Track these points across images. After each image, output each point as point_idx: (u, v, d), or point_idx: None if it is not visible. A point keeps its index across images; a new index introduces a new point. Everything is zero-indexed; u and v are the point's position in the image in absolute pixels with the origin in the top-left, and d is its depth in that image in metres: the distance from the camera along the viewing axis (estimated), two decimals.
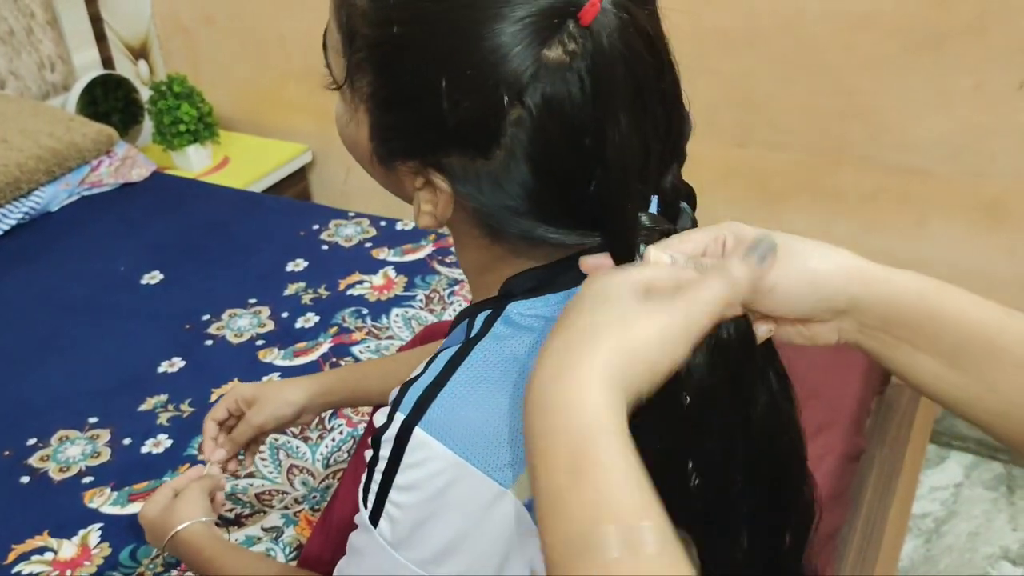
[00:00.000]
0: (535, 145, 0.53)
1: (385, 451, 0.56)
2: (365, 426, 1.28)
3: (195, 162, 2.38)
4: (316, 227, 1.91)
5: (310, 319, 1.61)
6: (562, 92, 0.52)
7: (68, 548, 1.18)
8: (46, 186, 1.97)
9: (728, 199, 2.02)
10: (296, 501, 1.22)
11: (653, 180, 0.59)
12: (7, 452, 1.34)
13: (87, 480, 1.28)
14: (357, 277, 1.73)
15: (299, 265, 1.78)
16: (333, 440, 1.32)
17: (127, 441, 1.35)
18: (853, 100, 1.81)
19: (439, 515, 0.55)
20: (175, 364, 1.52)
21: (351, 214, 1.95)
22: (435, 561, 0.56)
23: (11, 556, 1.17)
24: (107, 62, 2.47)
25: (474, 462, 0.54)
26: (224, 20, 2.52)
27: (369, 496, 0.57)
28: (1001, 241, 1.80)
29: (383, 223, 1.90)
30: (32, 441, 1.36)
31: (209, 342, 1.57)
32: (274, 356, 1.52)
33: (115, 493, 1.26)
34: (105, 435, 1.37)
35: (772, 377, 0.61)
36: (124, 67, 2.54)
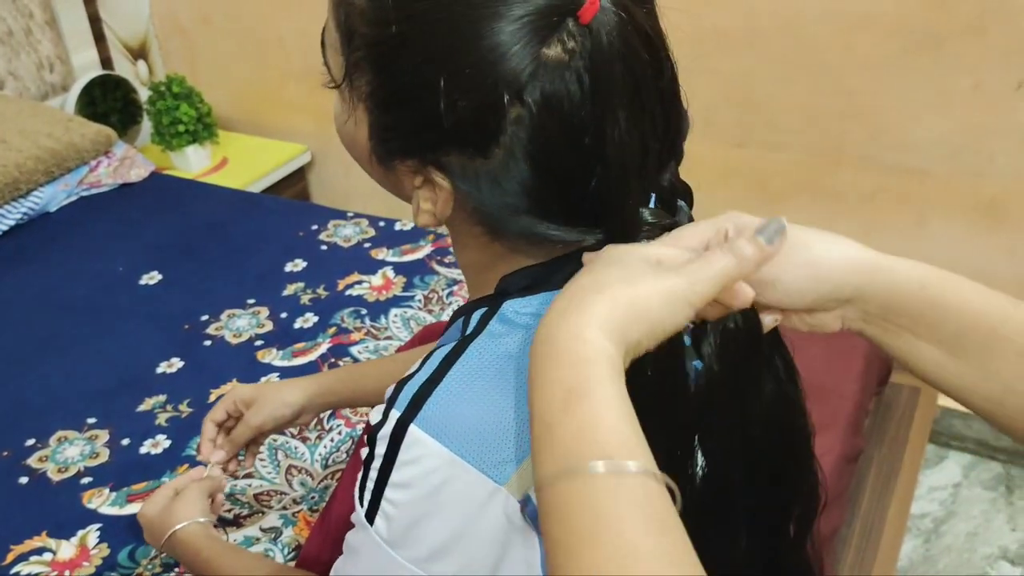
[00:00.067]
0: (535, 143, 0.53)
1: (380, 448, 0.56)
2: (363, 427, 1.27)
3: (194, 162, 2.38)
4: (315, 227, 1.91)
5: (309, 319, 1.61)
6: (561, 90, 0.52)
7: (67, 549, 1.18)
8: (45, 186, 1.97)
9: (727, 199, 2.02)
10: (295, 501, 1.22)
11: (651, 178, 0.59)
12: (6, 452, 1.34)
13: (86, 480, 1.28)
14: (356, 277, 1.72)
15: (298, 265, 1.78)
16: (332, 440, 1.32)
17: (126, 441, 1.35)
18: (852, 100, 1.81)
19: (435, 512, 0.55)
20: (174, 364, 1.52)
21: (350, 214, 1.95)
22: (431, 559, 0.55)
23: (10, 557, 1.17)
24: (106, 62, 2.47)
25: (469, 459, 0.54)
26: (223, 20, 2.52)
27: (365, 494, 0.57)
28: (1000, 241, 1.81)
29: (382, 223, 1.90)
30: (31, 441, 1.36)
31: (208, 342, 1.57)
32: (273, 356, 1.52)
33: (114, 494, 1.26)
34: (104, 435, 1.37)
35: (779, 364, 0.62)
36: (123, 67, 2.54)
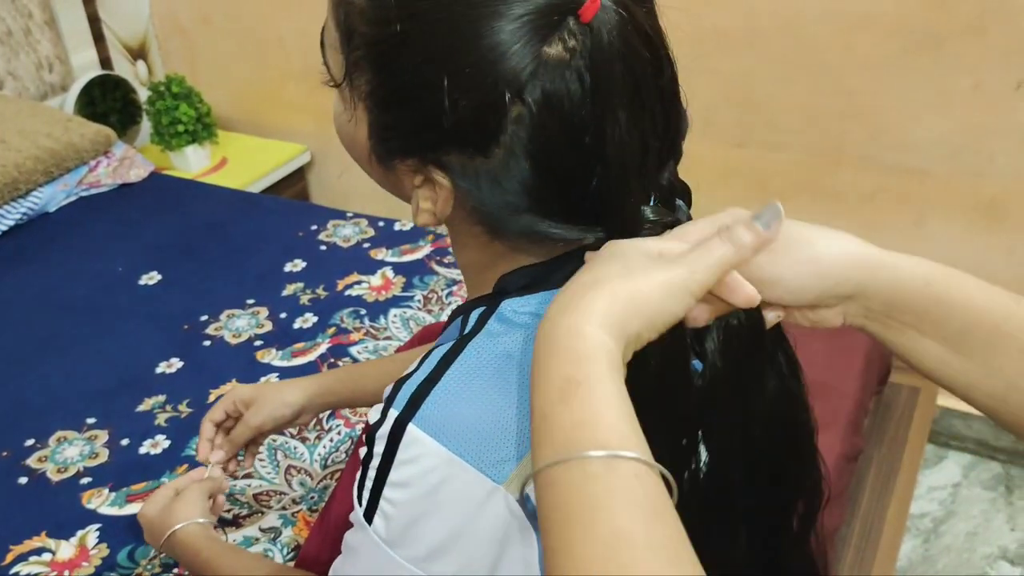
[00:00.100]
0: (535, 142, 0.53)
1: (379, 448, 0.56)
2: (363, 427, 1.27)
3: (193, 162, 2.38)
4: (314, 227, 1.91)
5: (308, 319, 1.61)
6: (562, 89, 0.52)
7: (66, 549, 1.17)
8: (44, 187, 1.97)
9: (727, 199, 1.99)
10: (294, 502, 1.22)
11: (651, 177, 0.59)
12: (5, 453, 1.34)
13: (85, 481, 1.28)
14: (355, 277, 1.72)
15: (297, 265, 1.78)
16: (331, 441, 1.32)
17: (125, 442, 1.35)
18: (852, 100, 1.81)
19: (433, 512, 0.54)
20: (173, 365, 1.52)
21: (349, 214, 1.95)
22: (430, 558, 0.55)
23: (9, 557, 1.17)
24: (105, 62, 2.47)
25: (467, 458, 0.54)
26: (222, 20, 2.52)
27: (363, 493, 0.57)
28: (999, 241, 1.81)
29: (381, 223, 1.90)
30: (30, 442, 1.36)
31: (207, 343, 1.57)
32: (272, 356, 1.52)
33: (113, 494, 1.26)
34: (103, 436, 1.37)
35: (781, 360, 0.62)
36: (122, 67, 2.54)
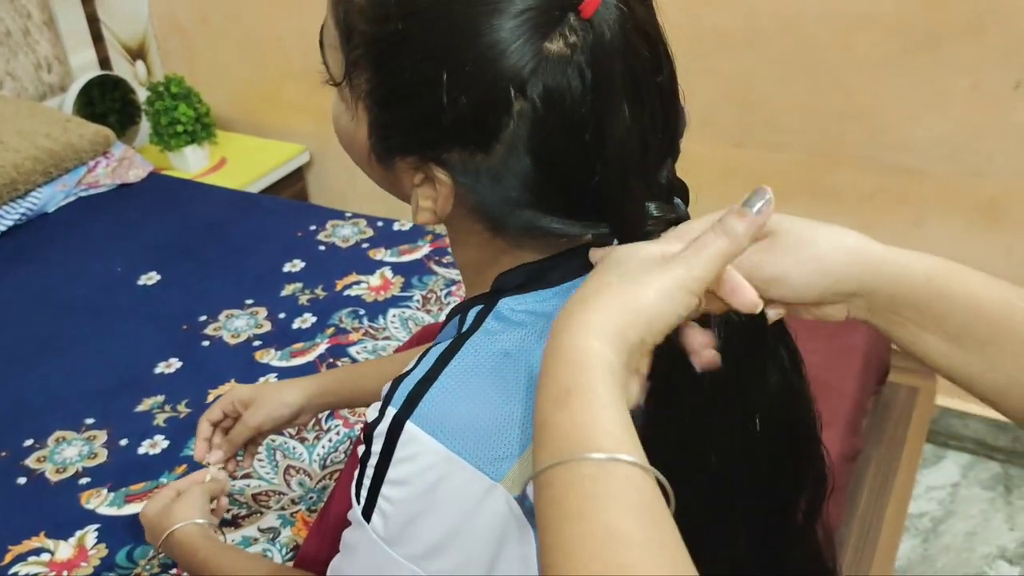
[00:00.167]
0: (536, 138, 0.54)
1: (377, 446, 0.56)
2: (361, 427, 1.27)
3: (192, 163, 2.38)
4: (313, 228, 1.91)
5: (307, 320, 1.61)
6: (563, 85, 0.53)
7: (65, 549, 1.17)
8: (43, 187, 1.97)
9: (726, 199, 1.99)
10: (293, 502, 1.22)
11: (649, 174, 0.59)
12: (4, 453, 1.34)
13: (84, 481, 1.28)
14: (354, 278, 1.72)
15: (296, 266, 1.78)
16: (330, 441, 1.32)
17: (124, 442, 1.35)
18: (851, 100, 1.81)
19: (431, 510, 0.55)
20: (172, 365, 1.52)
21: (348, 215, 1.95)
22: (428, 556, 0.55)
23: (8, 557, 1.17)
24: (104, 63, 2.47)
25: (465, 456, 0.54)
26: (221, 20, 2.52)
27: (361, 492, 0.57)
28: (998, 240, 1.81)
29: (380, 223, 1.90)
30: (29, 442, 1.36)
31: (206, 343, 1.57)
32: (271, 357, 1.52)
33: (112, 494, 1.26)
34: (102, 436, 1.37)
35: (784, 355, 0.62)
36: (121, 68, 2.54)
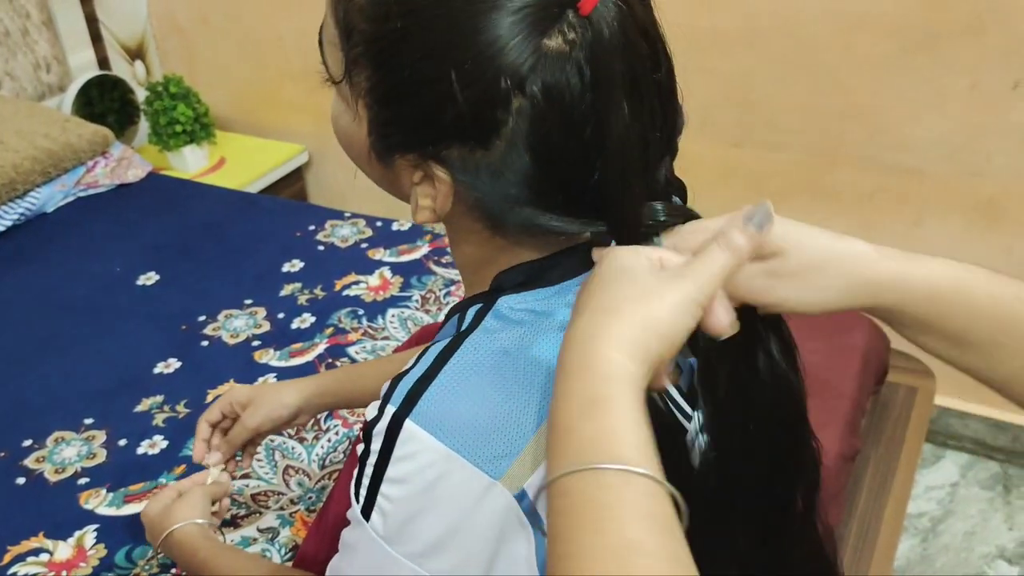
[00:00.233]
0: (536, 134, 0.54)
1: (376, 444, 0.56)
2: (360, 427, 1.27)
3: (191, 163, 2.38)
4: (312, 228, 1.91)
5: (306, 320, 1.61)
6: (562, 81, 0.53)
7: (64, 549, 1.17)
8: (42, 187, 1.97)
9: (725, 199, 2.01)
10: (292, 502, 1.22)
11: (649, 172, 0.59)
12: (2, 453, 1.34)
13: (83, 481, 1.28)
14: (353, 278, 1.72)
15: (295, 266, 1.78)
16: (329, 441, 1.32)
17: (123, 442, 1.35)
18: (850, 100, 1.81)
19: (430, 508, 0.55)
20: (171, 365, 1.52)
21: (347, 215, 1.95)
22: (427, 555, 0.55)
23: (7, 557, 1.17)
24: (103, 63, 2.47)
25: (464, 454, 0.54)
26: (220, 20, 2.52)
27: (361, 490, 0.57)
28: (997, 240, 1.81)
29: (379, 223, 1.90)
30: (28, 442, 1.36)
31: (205, 343, 1.57)
32: (270, 357, 1.52)
33: (111, 494, 1.26)
34: (101, 436, 1.36)
35: (774, 342, 0.63)
36: (120, 68, 2.54)
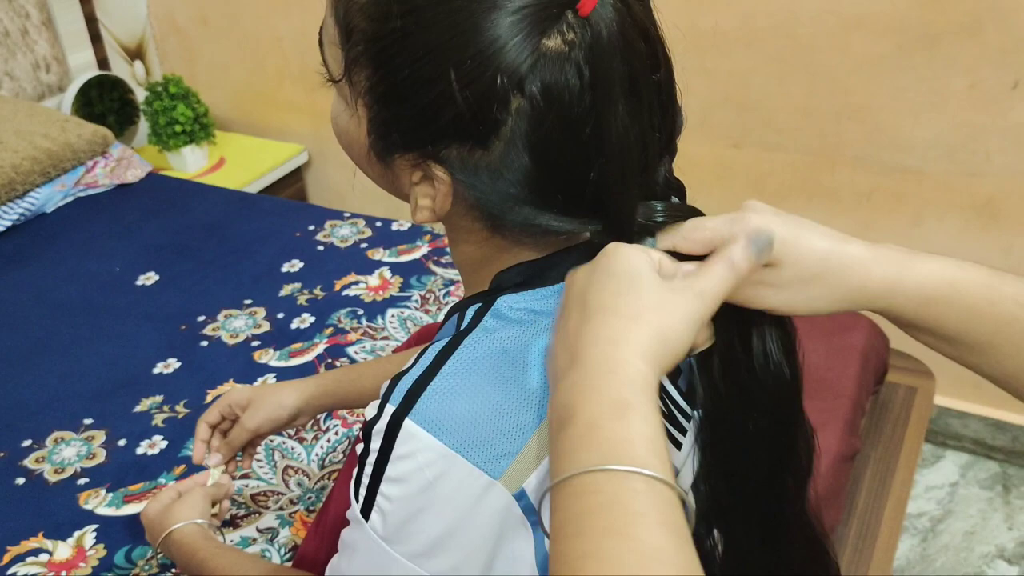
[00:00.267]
0: (535, 134, 0.54)
1: (375, 443, 0.56)
2: (360, 427, 1.27)
3: (191, 163, 2.38)
4: (312, 228, 1.91)
5: (305, 320, 1.61)
6: (561, 81, 0.53)
7: (63, 550, 1.17)
8: (41, 187, 1.97)
9: (724, 200, 2.02)
10: (291, 502, 1.22)
11: (648, 172, 0.59)
12: (2, 453, 1.34)
13: (82, 481, 1.28)
14: (353, 278, 1.72)
15: (295, 266, 1.78)
16: (328, 441, 1.32)
17: (122, 442, 1.35)
18: (848, 100, 1.82)
19: (429, 507, 0.55)
20: (170, 365, 1.52)
21: (347, 215, 1.95)
22: (426, 554, 0.55)
23: (6, 558, 1.17)
24: (102, 63, 2.47)
25: (464, 453, 0.54)
26: (220, 21, 2.52)
27: (360, 490, 0.57)
28: (996, 240, 1.81)
29: (379, 224, 1.90)
30: (27, 442, 1.36)
31: (204, 343, 1.57)
32: (269, 357, 1.52)
33: (110, 495, 1.26)
34: (100, 436, 1.37)
35: (772, 333, 0.63)
36: (120, 68, 2.54)
